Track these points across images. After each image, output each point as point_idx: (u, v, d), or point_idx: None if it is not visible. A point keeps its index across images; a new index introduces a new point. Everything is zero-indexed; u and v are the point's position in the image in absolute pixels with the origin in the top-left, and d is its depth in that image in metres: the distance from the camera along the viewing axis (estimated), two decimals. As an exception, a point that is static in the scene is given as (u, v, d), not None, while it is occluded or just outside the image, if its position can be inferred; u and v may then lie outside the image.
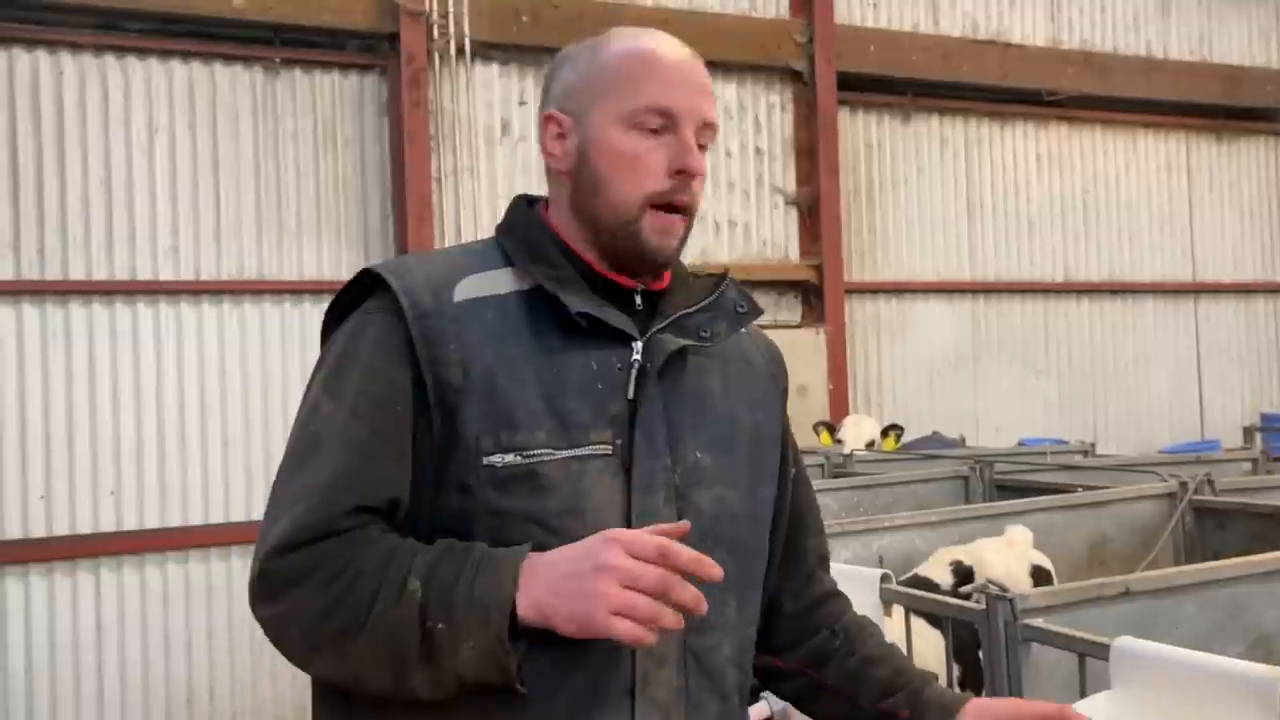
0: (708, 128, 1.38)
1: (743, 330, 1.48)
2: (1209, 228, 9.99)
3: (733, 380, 1.45)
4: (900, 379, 8.63)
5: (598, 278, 1.38)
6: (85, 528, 6.13)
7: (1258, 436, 8.08)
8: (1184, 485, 3.62)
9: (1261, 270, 10.25)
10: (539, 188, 1.49)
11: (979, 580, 3.05)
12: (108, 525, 6.17)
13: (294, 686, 6.37)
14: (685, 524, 1.22)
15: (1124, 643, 1.67)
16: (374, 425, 1.26)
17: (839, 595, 1.60)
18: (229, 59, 6.61)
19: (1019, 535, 3.28)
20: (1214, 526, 3.53)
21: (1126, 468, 4.68)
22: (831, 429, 6.52)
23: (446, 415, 1.26)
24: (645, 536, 1.17)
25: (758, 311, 1.47)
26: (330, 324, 1.39)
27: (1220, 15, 10.02)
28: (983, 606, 2.08)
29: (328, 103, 6.85)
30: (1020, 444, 7.14)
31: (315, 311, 6.72)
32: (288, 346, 6.64)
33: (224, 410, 6.47)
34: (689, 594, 1.16)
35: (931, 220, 8.79)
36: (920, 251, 8.75)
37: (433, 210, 6.86)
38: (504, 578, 1.18)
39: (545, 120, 1.41)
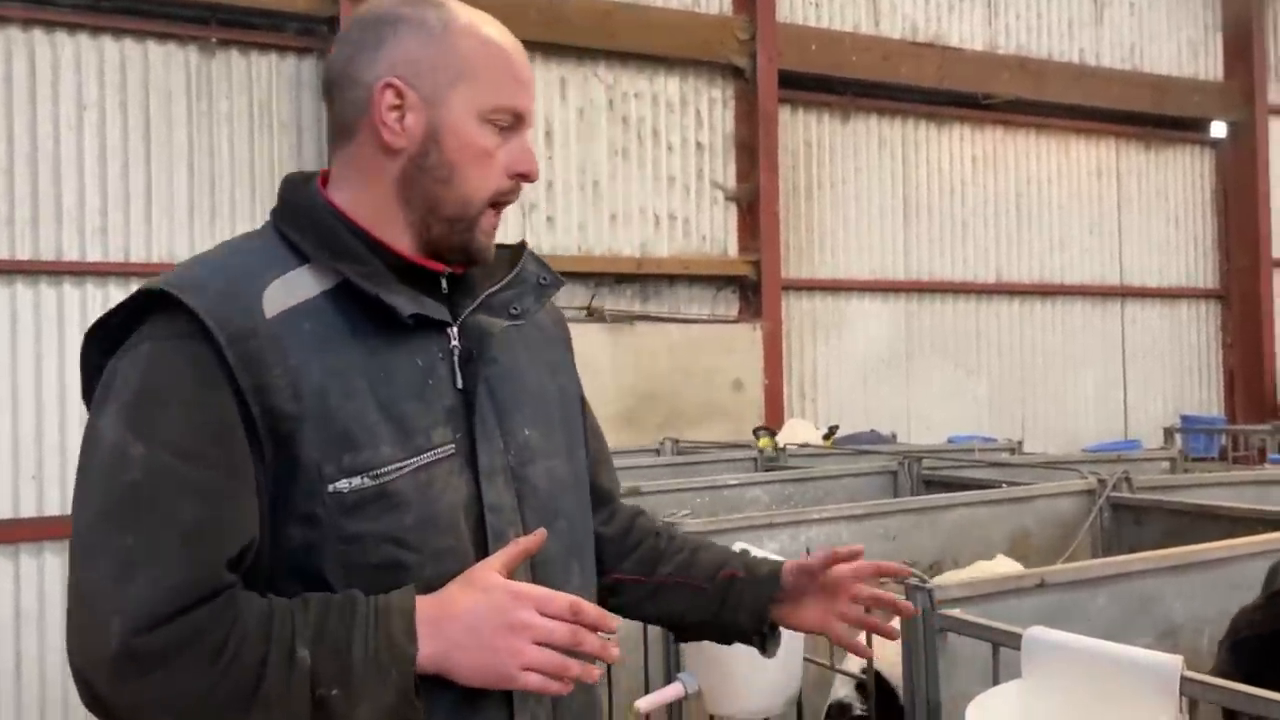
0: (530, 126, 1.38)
1: None
2: (1136, 233, 10.25)
3: (534, 350, 1.44)
4: (835, 376, 8.74)
5: (402, 264, 1.31)
6: (5, 513, 5.99)
7: (1177, 437, 8.34)
8: (1103, 483, 3.71)
9: (1185, 276, 10.54)
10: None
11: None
12: (28, 510, 6.04)
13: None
14: (542, 533, 1.27)
15: (1034, 632, 1.72)
16: (212, 466, 1.15)
17: (644, 511, 1.71)
18: (162, 37, 6.49)
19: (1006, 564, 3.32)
20: (1131, 522, 3.61)
21: (1050, 465, 4.77)
22: (772, 433, 6.47)
23: (280, 444, 1.18)
24: (557, 596, 1.21)
25: (559, 283, 1.46)
26: (94, 351, 1.27)
27: (1151, 27, 10.28)
28: (902, 597, 2.12)
29: (264, 85, 6.75)
30: (949, 441, 7.25)
31: (248, 297, 6.61)
32: (219, 331, 6.52)
33: (152, 395, 6.34)
34: (595, 644, 1.21)
35: (868, 219, 8.91)
36: (856, 250, 8.86)
37: (370, 197, 6.79)
38: (399, 633, 1.16)
39: (383, 87, 1.28)
